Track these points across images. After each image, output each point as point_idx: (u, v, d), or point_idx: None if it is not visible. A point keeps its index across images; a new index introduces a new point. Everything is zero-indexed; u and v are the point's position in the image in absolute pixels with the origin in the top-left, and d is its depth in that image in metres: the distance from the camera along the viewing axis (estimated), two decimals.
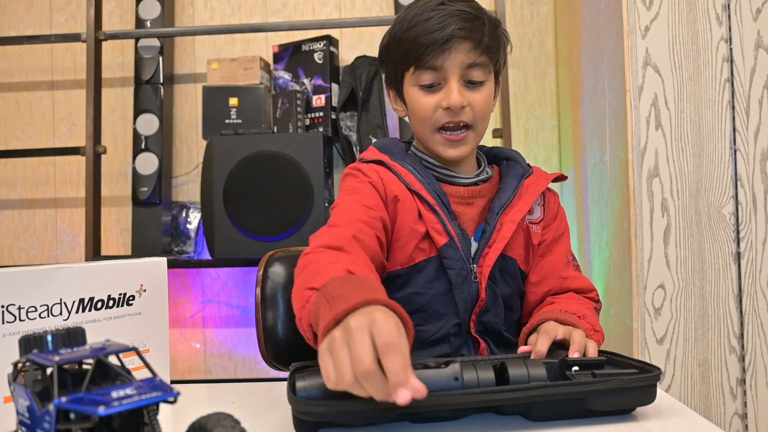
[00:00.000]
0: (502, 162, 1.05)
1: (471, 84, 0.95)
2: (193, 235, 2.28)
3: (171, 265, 2.23)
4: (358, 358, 0.56)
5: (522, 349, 0.82)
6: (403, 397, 0.55)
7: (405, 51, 0.95)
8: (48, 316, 0.80)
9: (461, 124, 0.95)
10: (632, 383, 0.69)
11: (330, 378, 0.58)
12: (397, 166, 0.97)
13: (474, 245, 0.96)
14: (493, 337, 0.97)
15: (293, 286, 0.81)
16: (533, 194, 0.98)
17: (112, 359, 0.51)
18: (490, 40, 0.94)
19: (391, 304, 0.64)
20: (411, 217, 0.95)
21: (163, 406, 0.48)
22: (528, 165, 1.05)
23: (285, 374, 0.75)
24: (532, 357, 0.79)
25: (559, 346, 0.82)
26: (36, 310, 0.79)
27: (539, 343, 0.80)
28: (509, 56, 1.03)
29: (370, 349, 0.57)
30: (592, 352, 0.78)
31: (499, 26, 0.98)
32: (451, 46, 0.92)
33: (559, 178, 1.04)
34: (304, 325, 0.75)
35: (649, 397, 0.70)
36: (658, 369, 0.71)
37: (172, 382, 0.91)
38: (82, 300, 0.84)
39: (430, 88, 0.95)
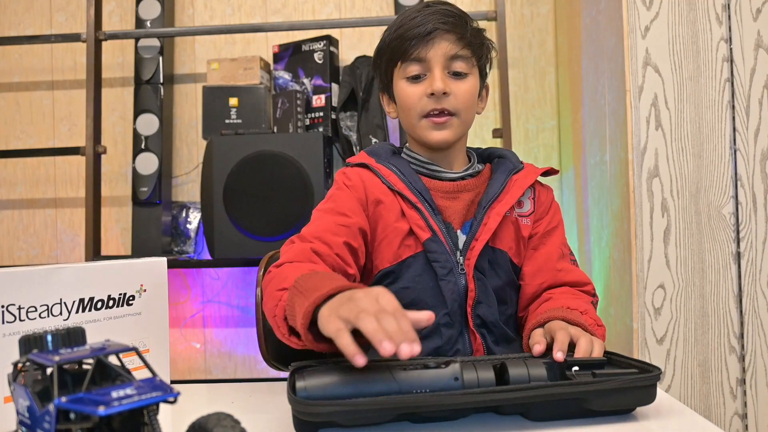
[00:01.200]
0: (494, 160, 1.09)
1: (455, 75, 1.00)
2: (193, 235, 2.28)
3: (171, 265, 2.23)
4: (382, 305, 0.65)
5: (537, 350, 0.80)
6: (408, 351, 0.61)
7: (393, 49, 1.01)
8: (48, 316, 0.80)
9: (445, 112, 1.00)
10: (632, 383, 0.69)
11: (353, 311, 0.64)
12: (381, 168, 1.02)
13: (462, 238, 0.99)
14: (491, 331, 0.98)
15: (264, 298, 0.87)
16: (520, 188, 1.02)
17: (112, 359, 0.51)
18: (472, 37, 1.00)
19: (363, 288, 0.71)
20: (393, 216, 0.99)
21: (163, 406, 0.48)
22: (520, 162, 1.07)
23: (285, 374, 0.75)
24: (554, 349, 0.77)
25: None
26: (36, 310, 0.79)
27: (560, 336, 0.79)
28: (507, 56, 1.04)
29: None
30: (598, 352, 0.78)
31: (479, 28, 1.04)
32: (434, 38, 0.98)
33: (550, 171, 1.07)
34: (278, 321, 0.81)
35: (649, 397, 0.70)
36: (658, 369, 0.71)
37: (172, 382, 0.91)
38: (82, 300, 0.84)
39: (416, 79, 1.00)
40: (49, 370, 0.49)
